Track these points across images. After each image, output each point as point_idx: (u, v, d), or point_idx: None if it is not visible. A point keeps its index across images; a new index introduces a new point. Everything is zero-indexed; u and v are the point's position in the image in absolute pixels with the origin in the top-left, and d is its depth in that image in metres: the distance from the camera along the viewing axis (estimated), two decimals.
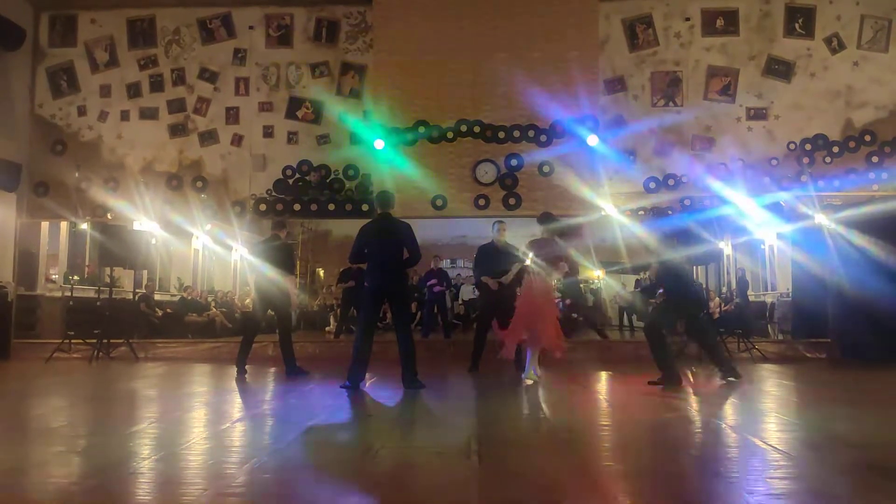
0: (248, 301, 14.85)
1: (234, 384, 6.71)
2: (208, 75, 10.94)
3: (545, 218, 7.10)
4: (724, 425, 4.52)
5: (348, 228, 14.41)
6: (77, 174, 10.63)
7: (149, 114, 10.93)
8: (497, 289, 7.41)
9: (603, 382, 7.12)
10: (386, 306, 6.89)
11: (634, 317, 12.73)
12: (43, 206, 10.77)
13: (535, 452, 3.69)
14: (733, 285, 12.70)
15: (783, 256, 12.05)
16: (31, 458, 3.48)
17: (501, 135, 10.46)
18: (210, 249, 15.68)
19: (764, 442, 3.86)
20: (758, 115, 10.53)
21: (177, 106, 10.93)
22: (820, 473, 3.12)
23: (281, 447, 3.72)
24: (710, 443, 3.97)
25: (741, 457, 3.58)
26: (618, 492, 2.81)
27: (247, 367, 7.34)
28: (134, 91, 10.97)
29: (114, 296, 10.06)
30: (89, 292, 11.26)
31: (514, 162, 10.42)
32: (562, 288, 9.76)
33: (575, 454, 3.51)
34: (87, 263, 12.43)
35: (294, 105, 10.84)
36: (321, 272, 18.82)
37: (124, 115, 10.95)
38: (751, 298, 12.31)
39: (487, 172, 10.47)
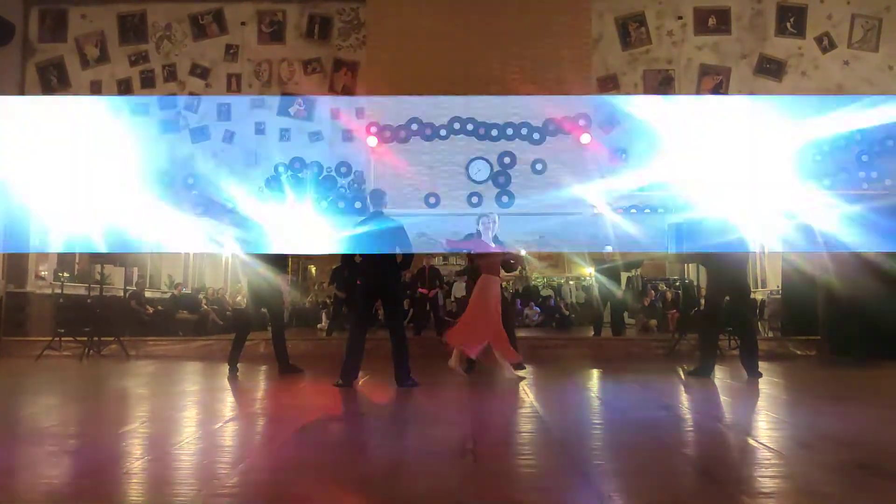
0: (239, 298, 14.81)
1: (226, 382, 6.69)
2: (200, 71, 10.88)
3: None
4: (715, 424, 4.55)
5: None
6: None
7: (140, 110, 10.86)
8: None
9: (595, 380, 7.15)
10: (378, 304, 6.89)
11: (625, 313, 12.76)
12: None
13: (530, 452, 3.71)
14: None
15: (773, 254, 12.11)
16: (23, 458, 3.46)
17: (494, 132, 10.46)
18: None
19: (755, 440, 3.89)
20: None
21: (168, 102, 10.85)
22: (811, 472, 3.15)
23: (274, 447, 3.72)
24: (701, 441, 3.99)
25: (732, 455, 3.60)
26: (611, 491, 2.82)
27: (238, 365, 7.32)
28: (125, 87, 10.89)
29: (104, 293, 10.00)
30: (79, 289, 11.18)
31: (507, 160, 10.42)
32: None
33: (569, 453, 3.52)
34: (76, 260, 12.35)
35: (286, 102, 10.79)
36: (313, 269, 18.77)
37: None
38: None
39: (480, 170, 10.47)
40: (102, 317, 9.61)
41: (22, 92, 10.93)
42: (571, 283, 18.60)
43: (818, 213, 9.83)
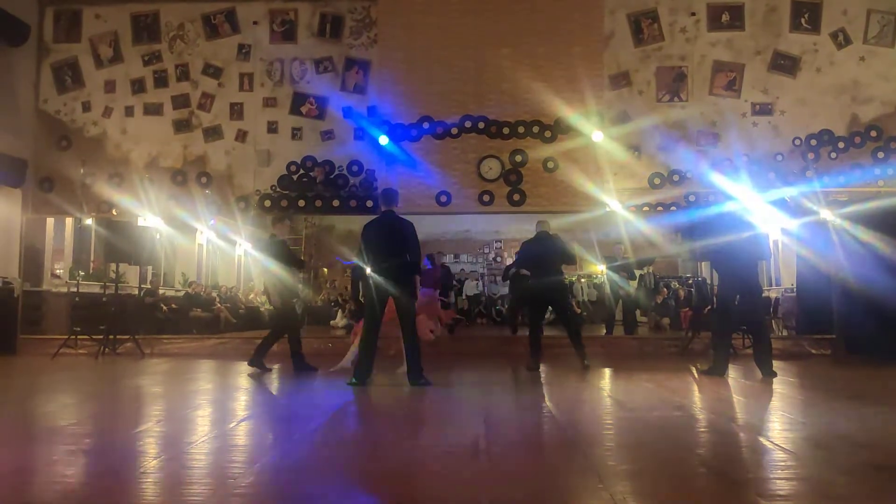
0: (252, 296, 14.90)
1: (240, 381, 6.73)
2: (212, 71, 10.93)
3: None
4: (729, 424, 4.53)
5: (352, 223, 14.43)
6: (82, 170, 10.65)
7: (153, 109, 10.93)
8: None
9: (607, 379, 7.12)
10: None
11: (638, 311, 12.72)
12: (48, 202, 10.79)
13: (543, 451, 3.70)
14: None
15: (788, 252, 12.03)
16: (41, 458, 3.50)
17: (506, 130, 10.45)
18: (214, 245, 15.76)
19: (769, 441, 3.87)
20: (763, 110, 10.50)
21: (181, 101, 10.92)
22: (827, 474, 3.12)
23: (288, 446, 3.74)
24: (715, 442, 3.97)
25: (747, 456, 3.58)
26: (625, 492, 2.81)
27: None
28: (138, 87, 10.97)
29: (119, 291, 10.09)
30: (94, 288, 11.30)
31: (518, 158, 10.41)
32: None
33: (582, 453, 3.51)
34: (92, 259, 12.47)
35: (298, 101, 10.82)
36: (325, 270, 18.82)
37: (129, 111, 10.95)
38: None
39: (492, 168, 10.46)
40: (118, 315, 9.69)
41: (37, 92, 11.04)
42: (583, 280, 18.54)
43: (833, 210, 9.76)
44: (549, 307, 8.14)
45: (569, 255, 7.85)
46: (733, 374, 6.95)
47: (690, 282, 15.08)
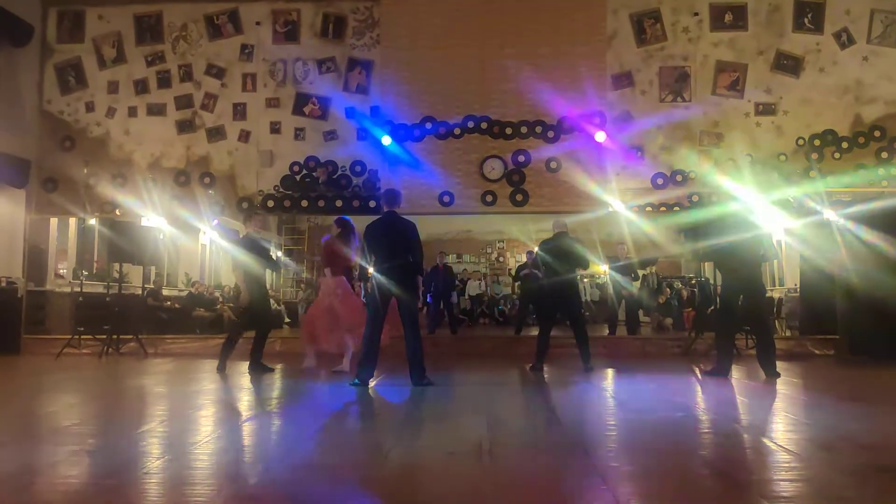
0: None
1: (242, 381, 6.74)
2: (215, 71, 10.93)
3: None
4: (732, 425, 4.52)
5: (354, 223, 14.38)
6: (85, 170, 10.66)
7: (156, 110, 10.94)
8: None
9: (610, 380, 7.12)
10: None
11: (640, 311, 12.70)
12: (52, 202, 10.80)
13: (546, 452, 3.70)
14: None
15: (791, 252, 12.01)
16: (45, 458, 3.51)
17: (509, 131, 10.44)
18: (217, 244, 15.77)
19: (773, 442, 3.87)
20: (766, 110, 10.47)
21: (184, 102, 10.92)
22: (830, 475, 3.12)
23: (290, 447, 3.75)
24: (718, 443, 3.97)
25: (750, 457, 3.58)
26: (627, 493, 2.81)
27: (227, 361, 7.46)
28: (141, 87, 10.97)
29: (122, 291, 10.11)
30: (98, 288, 11.32)
31: (521, 158, 10.40)
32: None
33: (585, 455, 3.51)
34: (95, 259, 12.50)
35: (301, 101, 10.83)
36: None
37: (132, 112, 10.95)
38: None
39: (494, 168, 10.45)
40: (121, 315, 9.71)
41: (41, 92, 11.06)
42: (586, 280, 18.53)
43: (836, 210, 9.74)
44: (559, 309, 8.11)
45: (584, 260, 7.85)
46: (737, 374, 6.94)
47: (693, 282, 15.06)
